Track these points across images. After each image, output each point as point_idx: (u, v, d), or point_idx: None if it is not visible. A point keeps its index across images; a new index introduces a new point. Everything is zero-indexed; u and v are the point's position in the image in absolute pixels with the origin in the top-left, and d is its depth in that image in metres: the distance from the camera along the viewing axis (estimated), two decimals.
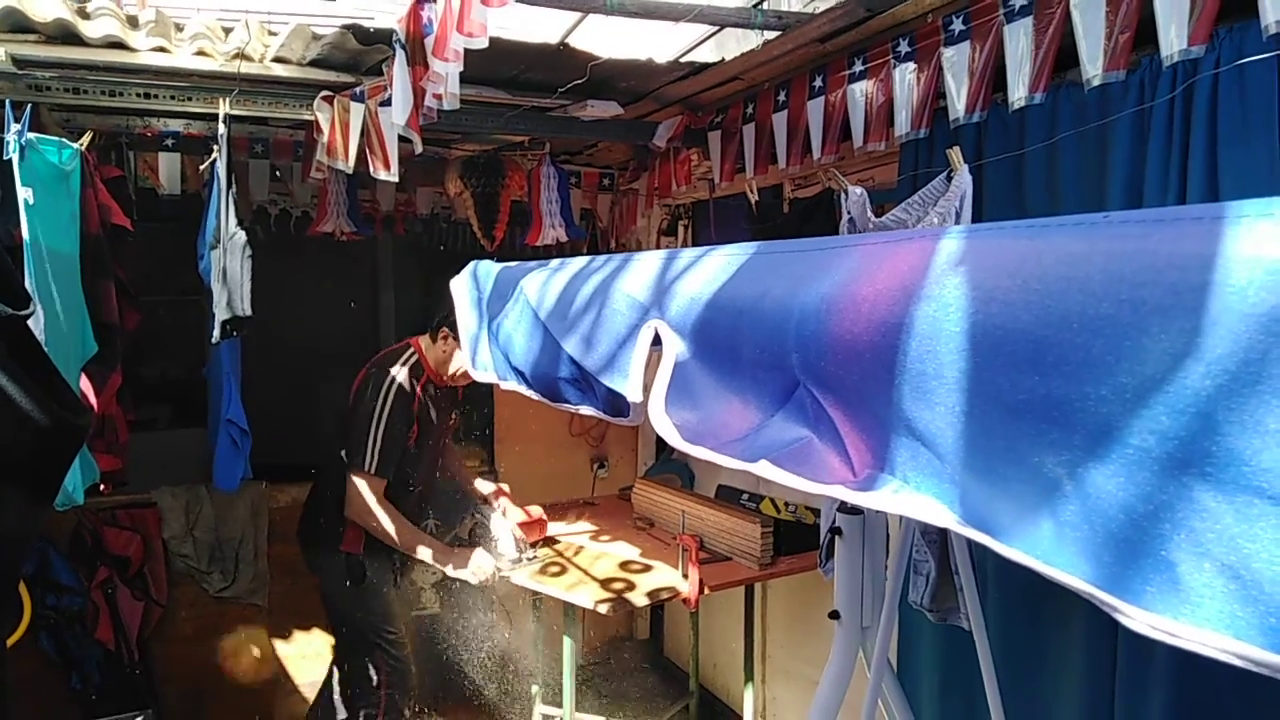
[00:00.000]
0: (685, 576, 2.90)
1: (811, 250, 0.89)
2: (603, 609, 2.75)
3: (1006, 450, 0.62)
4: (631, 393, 1.11)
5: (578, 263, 1.36)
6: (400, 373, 2.88)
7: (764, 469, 0.84)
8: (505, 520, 3.03)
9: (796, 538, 3.16)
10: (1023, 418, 0.60)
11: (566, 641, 2.95)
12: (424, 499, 3.15)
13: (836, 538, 1.84)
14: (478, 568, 2.85)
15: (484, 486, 3.31)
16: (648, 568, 3.09)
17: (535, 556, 3.04)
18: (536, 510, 3.15)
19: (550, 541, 3.24)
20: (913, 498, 0.70)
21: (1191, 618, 0.50)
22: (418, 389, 2.91)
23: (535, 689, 3.77)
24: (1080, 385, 0.55)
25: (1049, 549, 0.58)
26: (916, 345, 0.68)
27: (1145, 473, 0.52)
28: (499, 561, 2.91)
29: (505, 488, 3.26)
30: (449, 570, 2.87)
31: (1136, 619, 0.52)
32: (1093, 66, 1.89)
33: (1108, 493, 0.54)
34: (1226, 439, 0.48)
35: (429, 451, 3.09)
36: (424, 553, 2.86)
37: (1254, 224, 0.49)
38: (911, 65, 2.29)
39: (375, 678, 2.97)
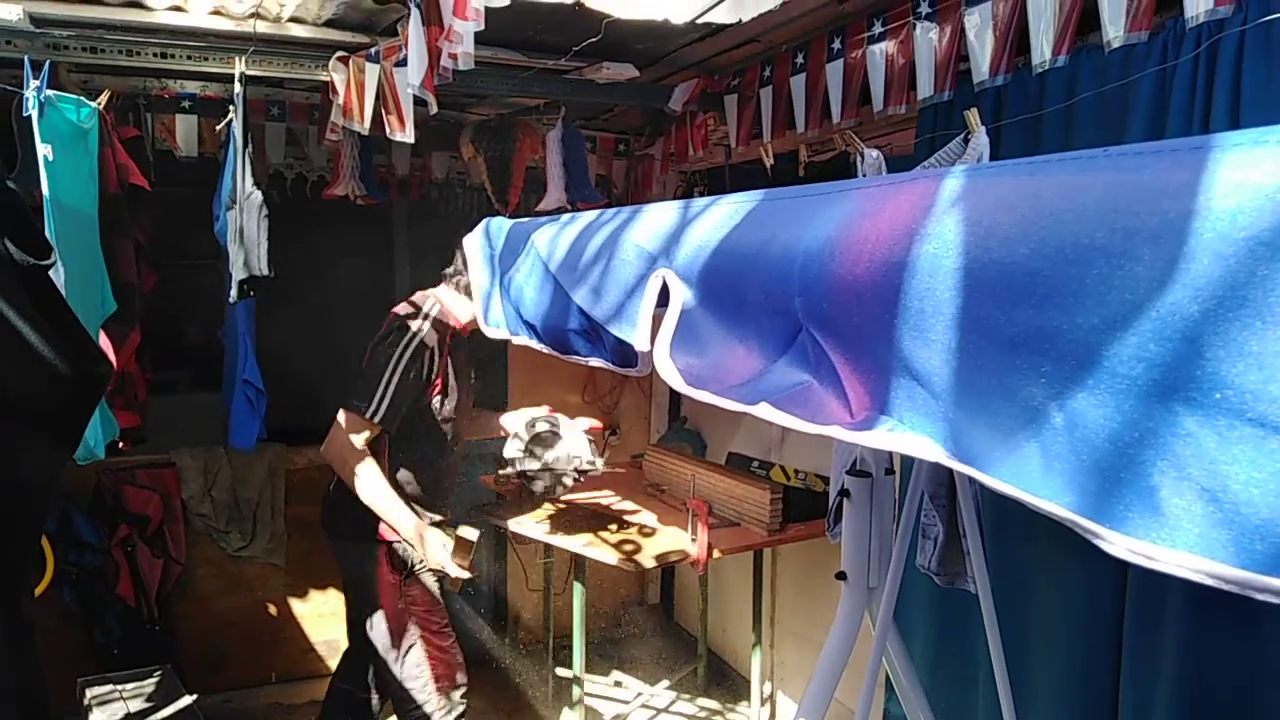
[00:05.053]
0: (694, 539, 2.93)
1: (817, 194, 0.89)
2: (611, 560, 2.81)
3: (999, 385, 0.62)
4: (639, 342, 1.12)
5: (588, 215, 1.37)
6: (424, 324, 2.66)
7: (764, 411, 0.85)
8: (575, 424, 2.90)
9: (806, 505, 3.18)
10: (1016, 351, 0.60)
11: (577, 588, 2.98)
12: (453, 470, 2.91)
13: (845, 500, 1.85)
14: (431, 553, 2.59)
15: (522, 414, 2.98)
16: (657, 531, 3.12)
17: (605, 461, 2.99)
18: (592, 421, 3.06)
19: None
20: (906, 436, 0.71)
21: (1169, 541, 0.51)
22: (447, 340, 2.70)
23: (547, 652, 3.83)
24: (1072, 316, 0.56)
25: (1036, 480, 0.59)
26: (916, 284, 0.69)
27: (1132, 400, 0.52)
28: (576, 464, 2.81)
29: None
30: (408, 541, 2.61)
31: (1116, 544, 0.53)
32: (1115, 28, 1.86)
33: (1095, 421, 0.55)
34: (1211, 363, 0.48)
35: (461, 411, 2.83)
36: (390, 515, 2.57)
37: (1249, 151, 0.49)
38: (933, 26, 2.26)
39: (422, 675, 2.67)
